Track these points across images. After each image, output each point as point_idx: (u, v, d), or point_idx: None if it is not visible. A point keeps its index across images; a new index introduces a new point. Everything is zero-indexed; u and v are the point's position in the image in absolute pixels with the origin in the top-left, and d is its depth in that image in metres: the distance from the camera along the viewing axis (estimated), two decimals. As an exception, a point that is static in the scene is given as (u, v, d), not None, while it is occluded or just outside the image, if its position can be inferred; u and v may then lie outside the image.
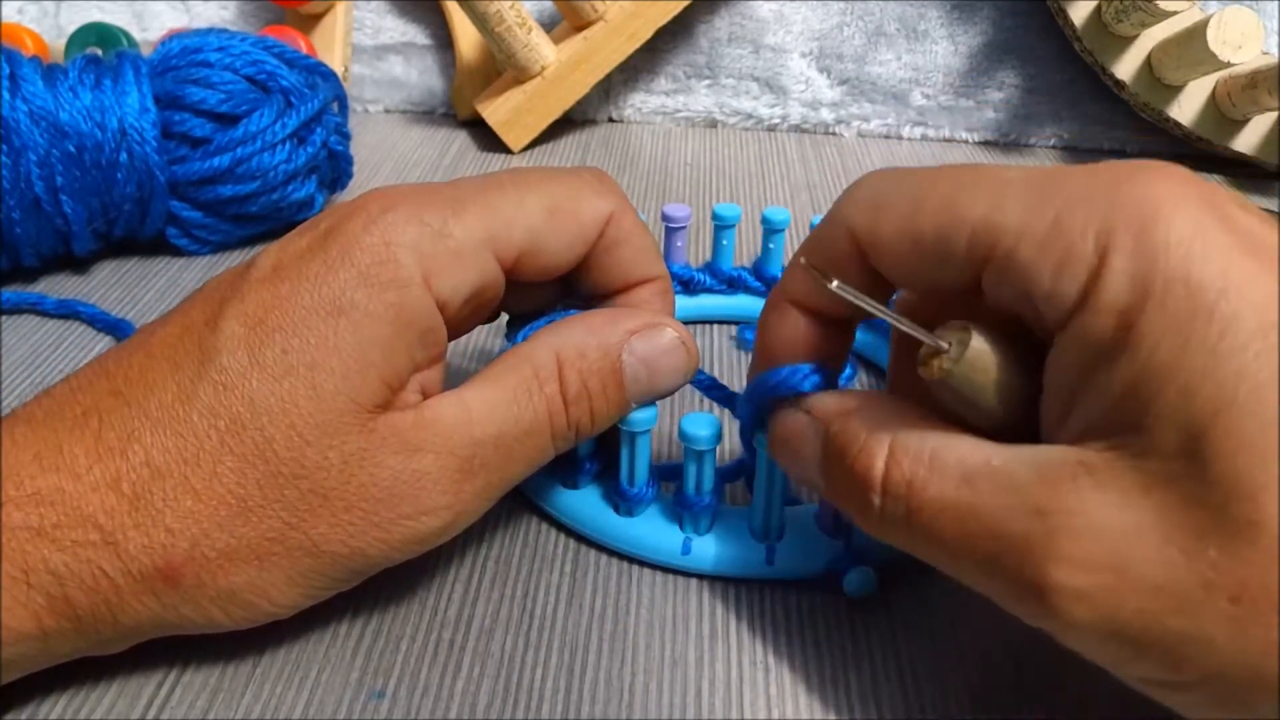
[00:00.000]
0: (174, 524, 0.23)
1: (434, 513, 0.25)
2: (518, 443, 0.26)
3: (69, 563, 0.22)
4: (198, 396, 0.23)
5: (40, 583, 0.22)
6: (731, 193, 0.54)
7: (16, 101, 0.39)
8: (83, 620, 0.23)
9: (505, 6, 0.52)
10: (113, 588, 0.23)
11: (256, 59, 0.44)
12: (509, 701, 0.25)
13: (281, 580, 0.24)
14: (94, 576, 0.23)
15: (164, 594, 0.23)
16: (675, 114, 0.64)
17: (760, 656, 0.26)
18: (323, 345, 0.24)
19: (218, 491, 0.23)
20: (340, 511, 0.24)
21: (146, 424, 0.23)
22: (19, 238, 0.41)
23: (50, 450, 0.23)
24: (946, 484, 0.21)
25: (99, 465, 0.23)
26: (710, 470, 0.28)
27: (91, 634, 0.23)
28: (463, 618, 0.27)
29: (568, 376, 0.26)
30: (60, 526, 0.22)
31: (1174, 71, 0.55)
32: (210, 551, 0.23)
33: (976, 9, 0.61)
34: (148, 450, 0.23)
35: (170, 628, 0.24)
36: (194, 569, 0.23)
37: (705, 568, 0.28)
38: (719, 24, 0.62)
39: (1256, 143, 0.57)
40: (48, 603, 0.22)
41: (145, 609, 0.23)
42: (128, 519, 0.23)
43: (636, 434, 0.28)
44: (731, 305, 0.41)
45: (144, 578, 0.23)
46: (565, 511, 0.30)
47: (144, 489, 0.23)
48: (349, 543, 0.24)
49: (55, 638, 0.23)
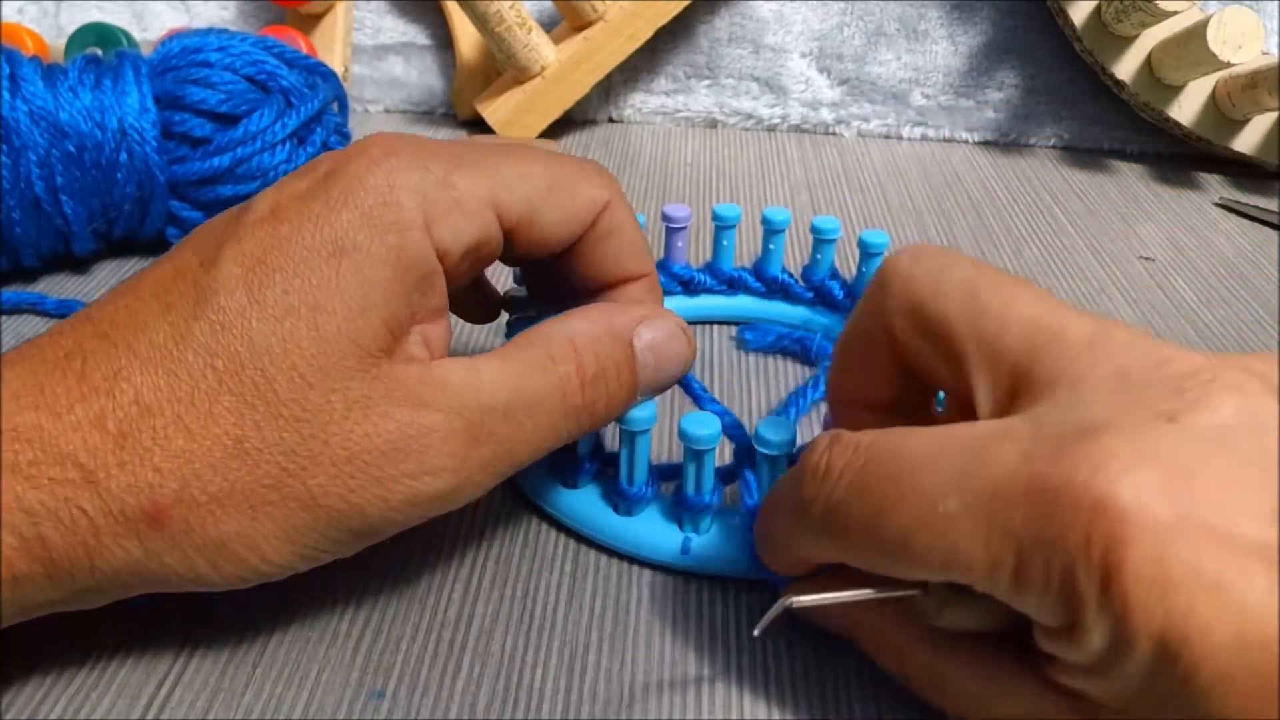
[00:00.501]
0: (163, 463, 0.22)
1: (437, 474, 0.24)
2: (528, 417, 0.25)
3: (45, 500, 0.21)
4: (193, 335, 0.23)
5: (11, 521, 0.21)
6: (731, 193, 0.54)
7: (16, 101, 0.39)
8: (57, 564, 0.22)
9: (505, 6, 0.52)
10: (91, 528, 0.22)
11: (256, 59, 0.44)
12: (509, 701, 0.25)
13: (275, 533, 0.23)
14: (71, 516, 0.22)
15: (148, 538, 0.22)
16: (675, 114, 0.64)
17: (760, 656, 0.26)
18: (324, 286, 0.23)
19: (213, 431, 0.22)
20: (341, 462, 0.23)
21: (136, 363, 0.23)
22: (19, 238, 0.41)
23: (29, 390, 0.22)
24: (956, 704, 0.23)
25: (82, 404, 0.22)
26: (710, 470, 0.28)
27: (66, 581, 0.22)
28: (463, 618, 0.27)
29: (585, 359, 0.26)
30: (36, 464, 0.21)
31: (1174, 71, 0.55)
32: (201, 494, 0.22)
33: (976, 9, 0.61)
34: (137, 389, 0.22)
35: (152, 580, 0.23)
36: (182, 512, 0.22)
37: (705, 568, 0.28)
38: (719, 24, 0.62)
39: (1256, 143, 0.57)
40: (19, 544, 0.21)
41: (126, 554, 0.22)
42: (111, 457, 0.22)
43: (636, 433, 0.28)
44: (731, 306, 0.41)
45: (127, 519, 0.22)
46: (564, 511, 0.30)
47: (131, 427, 0.22)
48: (348, 498, 0.23)
49: (26, 584, 0.22)
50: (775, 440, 0.27)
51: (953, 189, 0.56)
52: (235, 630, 0.26)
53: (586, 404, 0.26)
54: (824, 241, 0.39)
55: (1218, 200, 0.56)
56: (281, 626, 0.27)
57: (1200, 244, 0.51)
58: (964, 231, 0.51)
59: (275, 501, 0.23)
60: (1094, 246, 0.50)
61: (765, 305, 0.40)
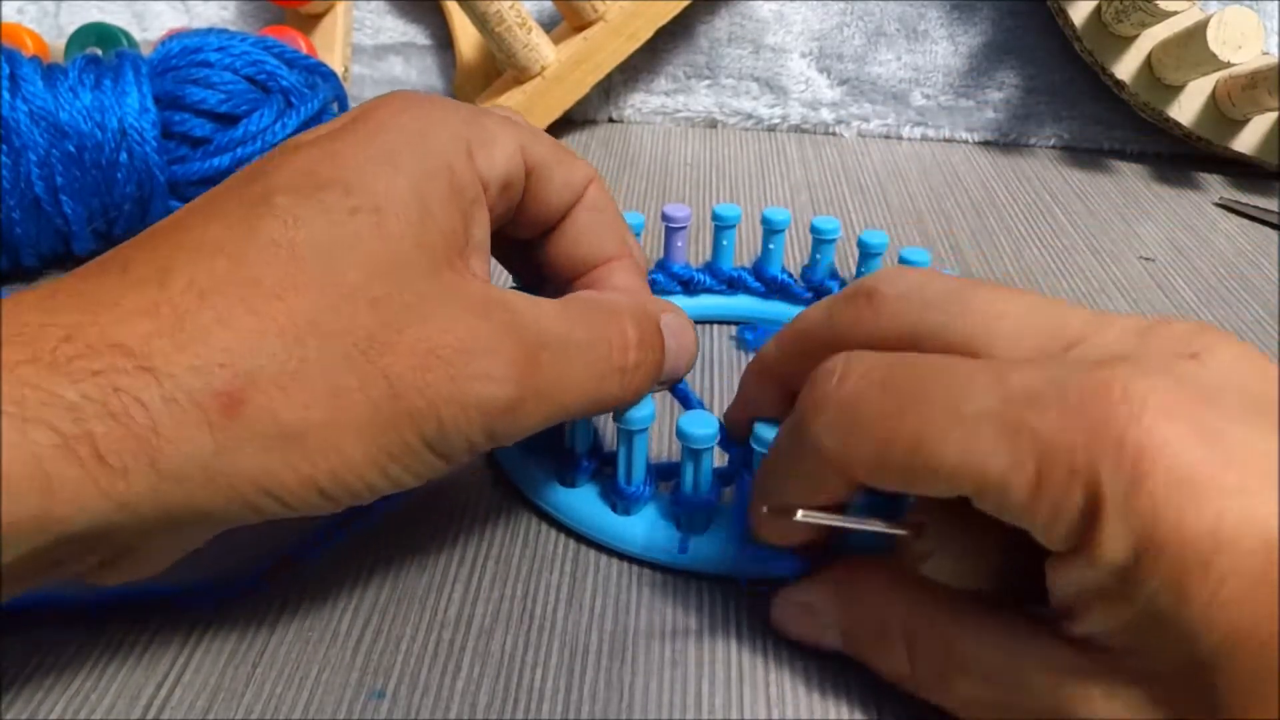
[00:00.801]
0: (231, 343, 0.20)
1: (503, 382, 0.23)
2: (580, 360, 0.24)
3: (89, 392, 0.19)
4: (253, 229, 0.21)
5: (43, 417, 0.18)
6: (731, 193, 0.54)
7: (16, 101, 0.39)
8: (110, 466, 0.19)
9: (505, 6, 0.52)
10: (149, 421, 0.19)
11: (256, 59, 0.44)
12: (509, 701, 0.25)
13: (356, 430, 0.21)
14: (124, 406, 0.19)
15: (220, 427, 0.20)
16: (675, 114, 0.64)
17: (760, 656, 0.26)
18: (384, 193, 0.22)
19: (284, 311, 0.20)
20: (417, 353, 0.22)
21: (188, 255, 0.21)
22: (19, 238, 0.41)
23: (64, 292, 0.20)
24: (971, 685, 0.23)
25: (128, 297, 0.20)
26: (708, 469, 0.28)
27: (120, 490, 0.19)
28: (463, 618, 0.27)
29: (629, 324, 0.26)
30: (76, 359, 0.19)
31: (1174, 71, 0.55)
32: (278, 373, 0.20)
33: (976, 9, 0.61)
34: (191, 277, 0.20)
35: (223, 492, 0.20)
36: (258, 394, 0.20)
37: (703, 567, 0.28)
38: (719, 24, 0.62)
39: (1256, 143, 0.57)
40: (60, 441, 0.18)
41: (194, 449, 0.19)
42: (168, 341, 0.19)
43: (634, 432, 0.28)
44: (731, 305, 0.41)
45: (195, 404, 0.19)
46: (562, 510, 0.30)
47: (189, 310, 0.20)
48: (425, 392, 0.22)
49: (71, 493, 0.19)
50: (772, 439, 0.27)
51: (953, 189, 0.56)
52: (235, 630, 0.26)
53: (631, 366, 0.26)
54: (824, 242, 0.39)
55: (1218, 200, 0.56)
56: (281, 626, 0.27)
57: (1200, 244, 0.51)
58: (964, 232, 0.51)
59: (355, 388, 0.21)
60: (1094, 246, 0.50)
61: (765, 305, 0.40)
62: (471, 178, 0.24)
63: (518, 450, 0.31)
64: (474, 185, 0.24)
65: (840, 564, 0.26)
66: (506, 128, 0.26)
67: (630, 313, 0.26)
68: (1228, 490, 0.18)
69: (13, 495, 0.18)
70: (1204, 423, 0.19)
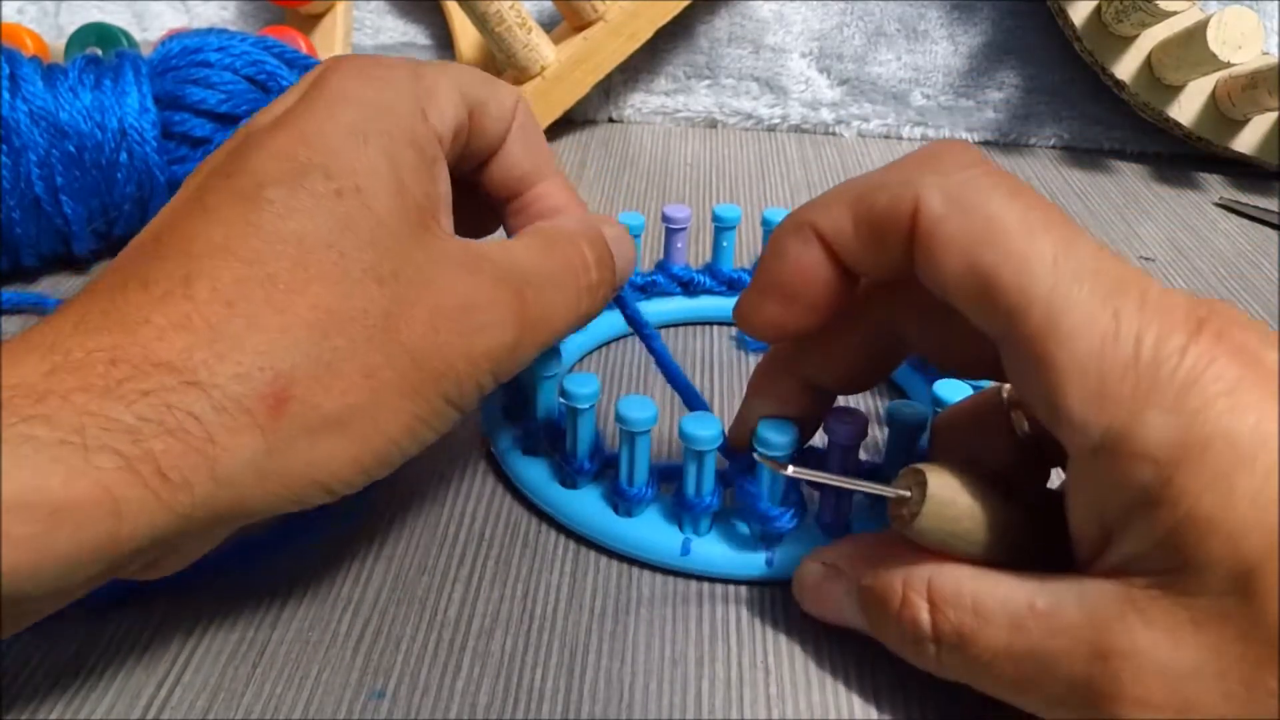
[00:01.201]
0: (264, 345, 0.21)
1: (503, 327, 0.24)
2: (555, 289, 0.26)
3: (144, 413, 0.19)
4: (255, 226, 0.22)
5: (104, 443, 0.19)
6: (731, 193, 0.54)
7: (16, 101, 0.39)
8: (171, 481, 0.20)
9: (505, 6, 0.52)
10: (204, 433, 0.20)
11: (256, 59, 0.44)
12: (509, 701, 0.25)
13: (391, 402, 0.22)
14: (179, 422, 0.20)
15: (270, 428, 0.21)
16: (675, 114, 0.64)
17: (760, 656, 0.26)
18: (361, 169, 0.23)
19: (305, 305, 0.21)
20: (429, 319, 0.23)
21: (201, 264, 0.21)
22: (19, 238, 0.41)
23: (94, 314, 0.20)
24: (998, 632, 0.22)
25: (158, 313, 0.20)
26: (710, 471, 0.28)
27: (184, 501, 0.20)
28: (463, 618, 0.27)
29: (582, 246, 0.27)
30: (125, 381, 0.19)
31: (1174, 71, 0.55)
32: (312, 367, 0.21)
33: (976, 9, 0.61)
34: (213, 284, 0.21)
35: (274, 488, 0.21)
36: (299, 390, 0.21)
37: (705, 569, 0.28)
38: (719, 24, 0.62)
39: (1256, 143, 0.57)
40: (123, 464, 0.19)
41: (248, 451, 0.21)
42: (208, 353, 0.20)
43: (636, 434, 0.28)
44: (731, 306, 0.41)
45: (242, 410, 0.20)
46: (564, 512, 0.30)
47: (220, 320, 0.21)
48: (442, 352, 0.23)
49: (131, 512, 0.19)
50: (776, 441, 0.27)
51: (953, 189, 0.56)
52: (235, 630, 0.26)
53: (595, 284, 0.28)
54: (824, 241, 0.39)
55: (1218, 200, 0.56)
56: (281, 626, 0.27)
57: (1200, 244, 0.51)
58: (964, 231, 0.51)
59: (383, 365, 0.22)
60: (1094, 246, 0.50)
61: (765, 305, 0.40)
62: (430, 137, 0.25)
63: (518, 451, 0.31)
64: (433, 144, 0.25)
65: (867, 534, 0.26)
66: (444, 76, 0.26)
67: (583, 236, 0.28)
68: (1270, 404, 0.19)
69: (84, 523, 0.19)
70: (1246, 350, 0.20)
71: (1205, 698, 0.19)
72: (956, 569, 0.23)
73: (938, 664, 0.23)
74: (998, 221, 0.21)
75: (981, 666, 0.22)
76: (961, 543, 0.23)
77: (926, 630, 0.23)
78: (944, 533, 0.23)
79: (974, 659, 0.22)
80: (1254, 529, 0.18)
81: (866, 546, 0.25)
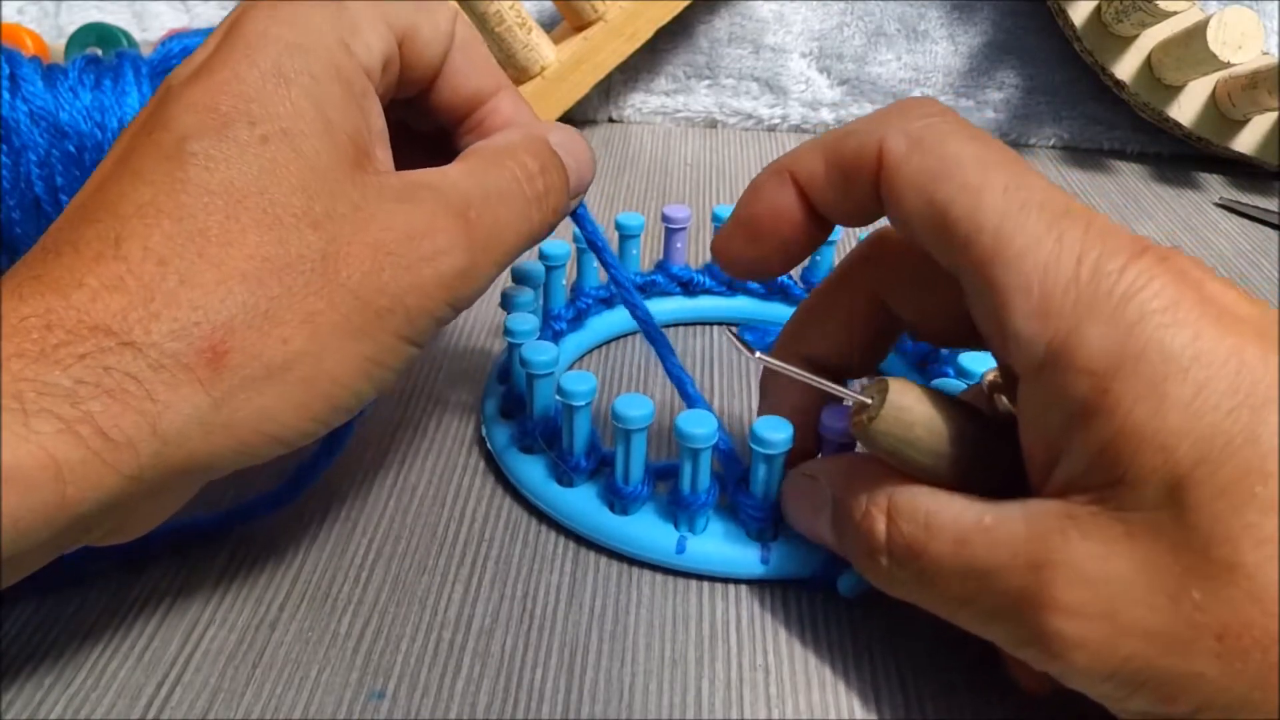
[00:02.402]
0: (200, 299, 0.21)
1: (451, 252, 0.24)
2: (501, 204, 0.26)
3: (81, 376, 0.19)
4: (182, 182, 0.22)
5: (43, 407, 0.19)
6: (731, 193, 0.54)
7: (16, 101, 0.39)
8: (114, 441, 0.20)
9: (505, 6, 0.52)
10: (143, 391, 0.20)
11: (256, 59, 0.44)
12: (509, 701, 0.25)
13: (336, 345, 0.22)
14: (117, 383, 0.20)
15: (210, 382, 0.21)
16: (675, 114, 0.64)
17: (760, 657, 0.26)
18: (286, 113, 0.23)
19: (239, 256, 0.21)
20: (369, 255, 0.23)
21: (132, 224, 0.21)
22: (19, 238, 0.41)
23: (27, 281, 0.21)
24: (944, 545, 0.22)
25: (92, 275, 0.20)
26: (706, 469, 0.28)
27: (129, 460, 0.20)
28: (463, 618, 0.27)
29: (525, 158, 0.27)
30: (61, 345, 0.20)
31: (1174, 71, 0.55)
32: (250, 317, 0.21)
33: (976, 9, 0.61)
34: (145, 244, 0.21)
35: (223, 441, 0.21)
36: (237, 340, 0.21)
37: (700, 567, 0.28)
38: (719, 24, 0.62)
39: (1256, 143, 0.57)
40: (63, 427, 0.19)
41: (190, 408, 0.21)
42: (143, 312, 0.20)
43: (632, 432, 0.28)
44: (731, 306, 0.41)
45: (181, 365, 0.20)
46: (560, 510, 0.30)
47: (153, 278, 0.21)
48: (387, 289, 0.23)
49: (75, 474, 0.19)
50: (772, 439, 0.27)
51: (953, 189, 0.56)
52: (235, 630, 0.26)
53: (543, 192, 0.27)
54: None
55: (1218, 200, 0.56)
56: (281, 626, 0.27)
57: (1200, 244, 0.51)
58: (964, 231, 0.51)
59: (324, 309, 0.22)
60: (1094, 246, 0.50)
61: (764, 306, 0.40)
62: (356, 71, 0.25)
63: (515, 449, 0.31)
64: (360, 78, 0.25)
65: (851, 454, 0.27)
66: (366, 5, 0.26)
67: (523, 147, 0.27)
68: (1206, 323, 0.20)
69: (29, 488, 0.19)
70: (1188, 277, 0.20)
71: (1133, 609, 0.19)
72: (917, 489, 0.23)
73: (889, 578, 0.24)
74: (954, 159, 0.22)
75: (927, 580, 0.23)
76: (914, 451, 0.23)
77: (881, 541, 0.24)
78: (896, 439, 0.23)
79: (921, 572, 0.23)
80: (1185, 438, 0.19)
81: (846, 464, 0.26)
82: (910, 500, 0.23)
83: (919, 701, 0.25)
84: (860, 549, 0.24)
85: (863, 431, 0.24)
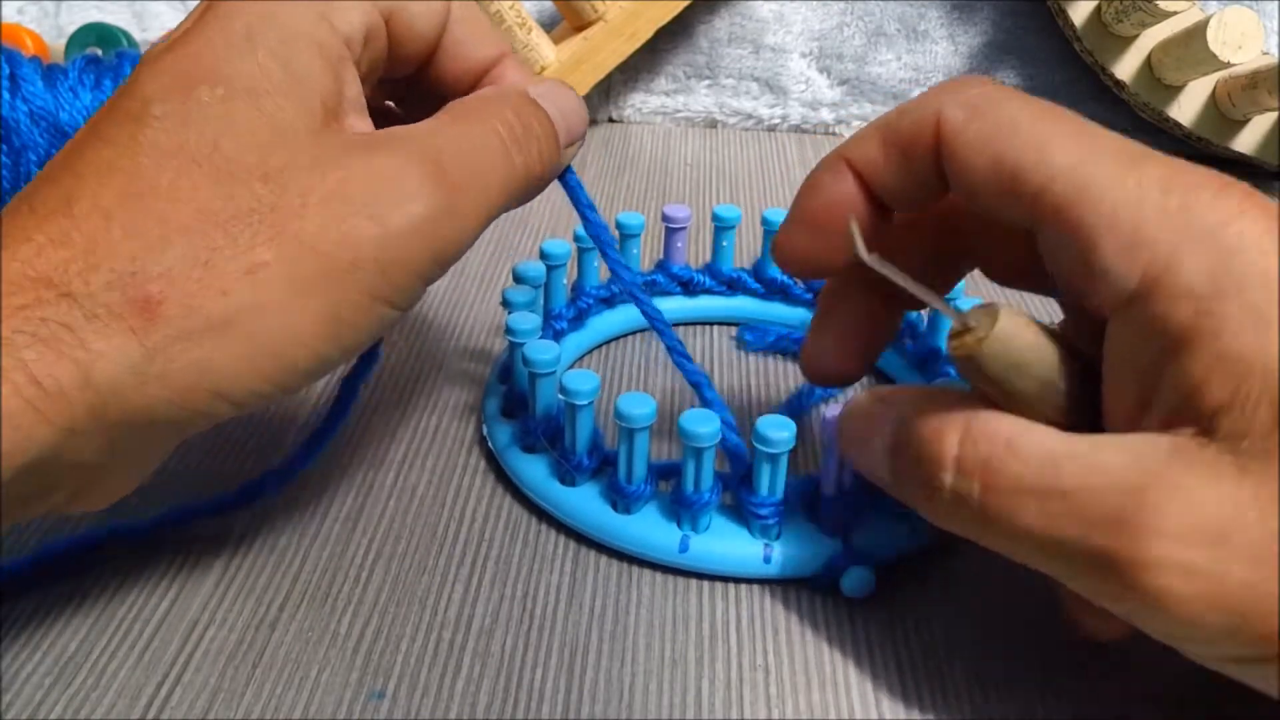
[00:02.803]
0: (139, 251, 0.21)
1: (419, 196, 0.23)
2: (481, 155, 0.25)
3: (19, 326, 0.20)
4: (141, 142, 0.22)
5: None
6: (731, 193, 0.54)
7: (16, 101, 0.39)
8: (44, 387, 0.20)
9: (505, 6, 0.52)
10: (75, 339, 0.20)
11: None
12: (509, 701, 0.25)
13: (285, 301, 0.22)
14: (51, 332, 0.20)
15: (144, 332, 0.21)
16: (675, 114, 0.64)
17: (760, 657, 0.26)
18: (254, 75, 0.23)
19: (184, 210, 0.21)
20: (327, 203, 0.22)
21: (87, 182, 0.21)
22: (19, 238, 0.41)
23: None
24: (1027, 466, 0.21)
25: (40, 231, 0.21)
26: (709, 468, 0.28)
27: (64, 411, 0.20)
28: (463, 618, 0.27)
29: (506, 113, 0.26)
30: (3, 298, 0.20)
31: (1174, 72, 0.55)
32: (188, 268, 0.21)
33: (976, 9, 0.61)
34: (95, 201, 0.21)
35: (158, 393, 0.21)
36: (173, 291, 0.21)
37: (703, 566, 0.28)
38: (719, 24, 0.62)
39: (1256, 143, 0.57)
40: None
41: (123, 357, 0.20)
42: (83, 264, 0.20)
43: (635, 430, 0.28)
44: (731, 307, 0.41)
45: (113, 315, 0.20)
46: (563, 509, 0.30)
47: (97, 232, 0.21)
48: (348, 238, 0.22)
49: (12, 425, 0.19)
50: (775, 438, 0.27)
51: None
52: (235, 630, 0.26)
53: (522, 137, 0.26)
54: (824, 241, 0.39)
55: (1218, 200, 0.55)
56: (281, 626, 0.27)
57: (1200, 244, 0.51)
58: (964, 231, 0.51)
59: (270, 261, 0.22)
60: (1094, 246, 0.50)
61: (765, 306, 0.40)
62: (332, 39, 0.24)
63: (517, 448, 0.31)
64: (337, 45, 0.24)
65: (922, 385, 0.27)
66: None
67: (500, 98, 0.27)
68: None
69: None
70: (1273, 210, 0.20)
71: (1245, 535, 0.18)
72: (1001, 415, 0.22)
73: (948, 500, 0.22)
74: (1012, 119, 0.22)
75: (994, 503, 0.21)
76: (1023, 378, 0.22)
77: (949, 457, 0.22)
78: (1007, 363, 0.22)
79: (990, 490, 0.21)
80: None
81: (919, 392, 0.25)
82: (992, 423, 0.22)
83: (919, 702, 0.25)
84: (920, 470, 0.23)
85: (968, 355, 0.22)
